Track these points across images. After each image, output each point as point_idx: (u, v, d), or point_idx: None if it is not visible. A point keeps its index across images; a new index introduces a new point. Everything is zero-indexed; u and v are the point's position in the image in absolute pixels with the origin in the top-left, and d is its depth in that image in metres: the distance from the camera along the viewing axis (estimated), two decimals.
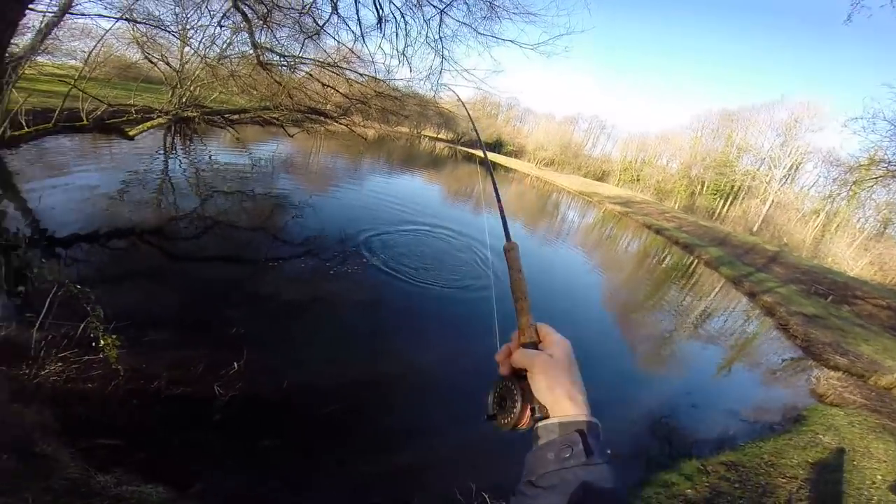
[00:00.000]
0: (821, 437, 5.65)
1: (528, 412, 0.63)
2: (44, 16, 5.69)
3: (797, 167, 38.58)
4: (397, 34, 5.93)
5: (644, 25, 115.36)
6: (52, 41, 7.83)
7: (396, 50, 6.13)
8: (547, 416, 0.62)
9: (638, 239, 22.68)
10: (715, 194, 43.18)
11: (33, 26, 5.92)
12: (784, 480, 4.48)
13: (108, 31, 6.76)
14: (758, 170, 40.70)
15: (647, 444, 4.82)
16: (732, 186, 41.79)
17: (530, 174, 44.01)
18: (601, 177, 54.38)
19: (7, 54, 5.20)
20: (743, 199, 40.64)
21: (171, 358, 3.62)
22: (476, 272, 8.05)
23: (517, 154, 57.28)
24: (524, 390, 0.65)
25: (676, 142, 48.40)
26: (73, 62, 11.08)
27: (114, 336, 3.38)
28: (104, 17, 6.42)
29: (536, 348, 0.68)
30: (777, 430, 5.88)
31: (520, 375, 0.67)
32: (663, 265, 17.74)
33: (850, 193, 31.70)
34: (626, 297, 11.28)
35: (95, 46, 6.94)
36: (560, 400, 0.60)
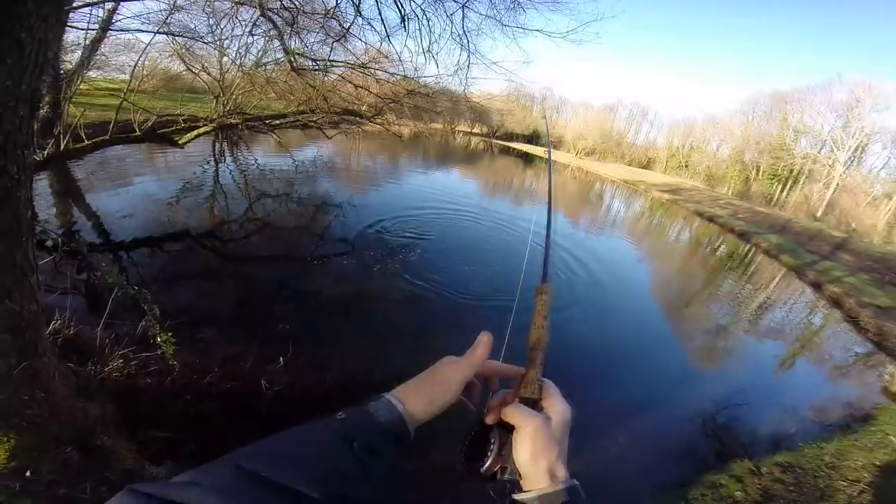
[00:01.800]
0: (892, 437, 5.14)
1: (496, 468, 0.59)
2: (86, 33, 6.05)
3: (863, 149, 35.60)
4: (421, 32, 5.83)
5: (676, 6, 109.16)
6: (100, 56, 8.25)
7: (422, 48, 6.03)
8: (518, 479, 0.57)
9: (689, 227, 21.58)
10: (772, 179, 40.39)
11: (81, 44, 6.29)
12: (845, 483, 4.12)
13: (148, 44, 7.08)
14: (818, 152, 37.76)
15: (696, 443, 4.57)
16: (791, 171, 38.98)
17: (571, 164, 42.81)
18: (647, 165, 52.12)
19: (62, 72, 5.60)
20: (804, 183, 37.85)
21: (223, 353, 3.76)
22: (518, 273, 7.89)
23: (555, 145, 55.86)
24: (502, 444, 0.59)
25: (726, 126, 45.59)
26: (123, 76, 11.73)
27: (170, 333, 3.57)
28: (143, 31, 6.76)
29: (535, 406, 0.62)
30: (841, 429, 5.41)
31: (505, 426, 0.61)
32: (717, 254, 16.79)
33: None
34: (677, 288, 10.75)
35: (139, 60, 7.28)
36: (540, 472, 0.55)
